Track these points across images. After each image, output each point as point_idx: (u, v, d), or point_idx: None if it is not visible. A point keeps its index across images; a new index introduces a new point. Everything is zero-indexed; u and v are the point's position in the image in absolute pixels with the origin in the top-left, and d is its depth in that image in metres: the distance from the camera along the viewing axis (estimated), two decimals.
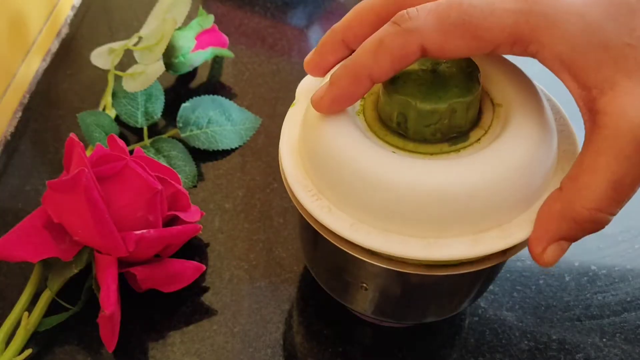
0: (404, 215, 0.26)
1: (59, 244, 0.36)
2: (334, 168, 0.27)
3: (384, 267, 0.28)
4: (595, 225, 0.25)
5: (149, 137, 0.46)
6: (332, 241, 0.29)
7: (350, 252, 0.29)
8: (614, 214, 0.24)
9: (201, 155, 0.46)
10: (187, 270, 0.38)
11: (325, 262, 0.34)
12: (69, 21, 0.56)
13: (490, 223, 0.26)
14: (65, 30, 0.55)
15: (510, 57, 0.29)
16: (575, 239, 0.26)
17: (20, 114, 0.48)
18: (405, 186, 0.25)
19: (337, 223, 0.27)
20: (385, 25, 0.25)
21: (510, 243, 0.26)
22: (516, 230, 0.26)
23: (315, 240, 0.33)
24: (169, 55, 0.47)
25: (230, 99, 0.49)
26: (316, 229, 0.29)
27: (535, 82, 0.29)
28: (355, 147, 0.27)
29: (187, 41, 0.48)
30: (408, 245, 0.26)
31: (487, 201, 0.25)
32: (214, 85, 0.52)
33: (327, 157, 0.27)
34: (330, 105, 0.27)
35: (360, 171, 0.26)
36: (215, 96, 0.49)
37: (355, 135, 0.27)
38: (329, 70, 0.30)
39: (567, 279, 0.41)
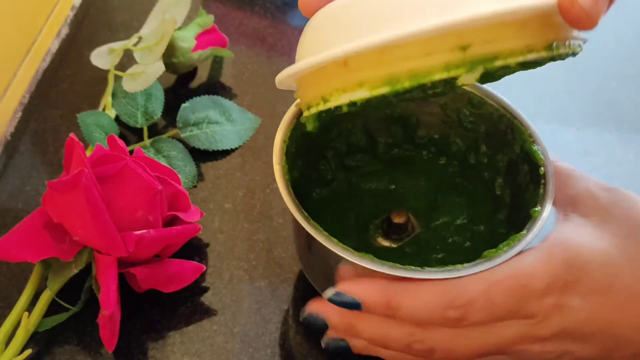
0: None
1: (59, 244, 0.36)
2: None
3: (378, 271, 0.28)
4: None
5: (149, 137, 0.46)
6: (324, 243, 0.29)
7: (342, 255, 0.29)
8: None
9: (201, 155, 0.46)
10: (187, 270, 0.38)
11: (320, 266, 0.34)
12: (69, 21, 0.56)
13: None
14: (65, 30, 0.55)
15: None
16: None
17: (20, 114, 0.48)
18: None
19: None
20: None
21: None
22: None
23: (309, 244, 0.33)
24: (169, 55, 0.47)
25: (230, 99, 0.49)
26: (308, 231, 0.29)
27: None
28: None
29: (187, 41, 0.48)
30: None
31: None
32: (214, 85, 0.52)
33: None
34: None
35: None
36: (215, 96, 0.49)
37: None
38: None
39: None
